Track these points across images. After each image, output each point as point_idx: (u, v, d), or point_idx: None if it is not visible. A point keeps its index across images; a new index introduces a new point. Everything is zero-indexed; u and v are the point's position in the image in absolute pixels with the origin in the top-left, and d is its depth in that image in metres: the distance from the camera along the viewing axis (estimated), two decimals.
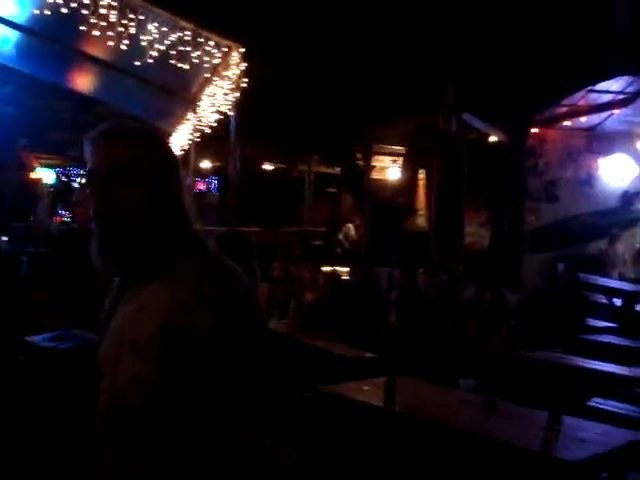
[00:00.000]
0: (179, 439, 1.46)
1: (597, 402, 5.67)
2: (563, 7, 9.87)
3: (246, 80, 5.81)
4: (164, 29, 5.55)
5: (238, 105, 6.00)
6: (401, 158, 13.96)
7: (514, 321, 6.35)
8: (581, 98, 10.86)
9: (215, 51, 5.65)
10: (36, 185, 15.13)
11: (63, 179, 16.52)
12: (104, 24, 5.45)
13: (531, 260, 11.07)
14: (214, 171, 16.80)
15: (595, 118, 11.39)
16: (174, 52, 5.69)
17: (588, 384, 5.75)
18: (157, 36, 5.54)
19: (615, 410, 5.53)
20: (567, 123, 11.48)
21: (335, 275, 7.10)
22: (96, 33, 5.52)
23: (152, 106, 10.50)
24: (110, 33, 5.57)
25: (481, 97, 10.46)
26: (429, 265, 9.80)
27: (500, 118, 11.00)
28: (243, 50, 5.76)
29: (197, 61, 5.69)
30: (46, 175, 15.67)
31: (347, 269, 12.27)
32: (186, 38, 5.60)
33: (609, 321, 8.40)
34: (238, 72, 5.75)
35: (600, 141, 11.75)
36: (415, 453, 3.98)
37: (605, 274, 10.74)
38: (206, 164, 15.42)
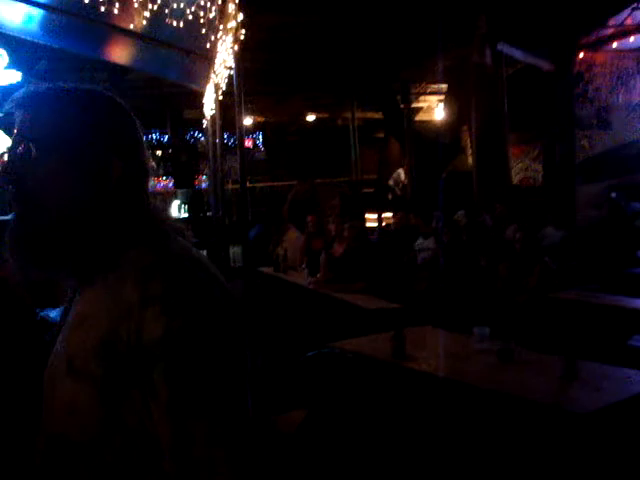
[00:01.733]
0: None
1: (639, 340, 5.36)
2: None
3: (244, 32, 5.60)
4: None
5: (239, 59, 5.80)
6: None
7: (549, 260, 6.02)
8: (627, 17, 10.17)
9: (209, 4, 5.45)
10: None
11: None
12: None
13: (584, 191, 10.60)
14: (257, 127, 16.67)
15: None
16: (167, 10, 5.52)
17: (629, 323, 5.42)
18: None
19: None
20: (615, 45, 10.80)
21: (358, 226, 6.91)
22: None
23: (180, 68, 10.40)
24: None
25: (517, 24, 9.90)
26: (472, 206, 9.47)
27: (542, 45, 10.42)
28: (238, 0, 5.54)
29: (191, 17, 5.51)
30: None
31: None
32: None
33: None
34: (235, 24, 5.54)
35: None
36: (423, 407, 3.82)
37: None
38: (248, 121, 15.26)
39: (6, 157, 1.25)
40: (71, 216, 1.22)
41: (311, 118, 15.92)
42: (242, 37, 5.57)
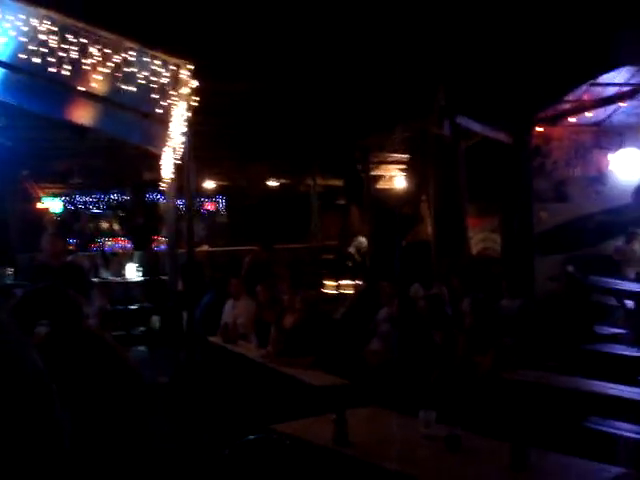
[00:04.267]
0: None
1: (594, 423, 5.20)
2: None
3: (199, 99, 5.48)
4: (107, 51, 5.27)
5: (190, 125, 5.67)
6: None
7: (506, 338, 5.88)
8: (584, 93, 10.34)
9: (163, 70, 5.35)
10: (40, 216, 15.03)
11: (69, 207, 16.40)
12: (45, 50, 5.19)
13: (542, 264, 10.58)
14: (220, 190, 16.58)
15: (601, 113, 10.84)
16: (119, 73, 5.40)
17: (585, 404, 5.26)
18: (100, 59, 5.26)
19: (614, 431, 5.05)
20: (572, 119, 10.95)
21: (310, 298, 6.71)
22: (37, 60, 5.26)
23: (138, 131, 10.33)
24: (51, 59, 5.30)
25: (476, 98, 9.99)
26: (429, 277, 9.35)
27: (499, 118, 10.53)
28: (192, 67, 5.44)
29: (144, 82, 5.39)
30: (53, 204, 15.56)
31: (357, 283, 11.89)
32: (130, 59, 5.31)
33: (620, 327, 7.90)
34: (188, 90, 5.43)
35: (608, 136, 11.22)
36: None
37: (622, 274, 10.19)
38: (210, 184, 15.19)
39: None
40: None
41: (272, 183, 15.87)
42: (195, 103, 5.46)
